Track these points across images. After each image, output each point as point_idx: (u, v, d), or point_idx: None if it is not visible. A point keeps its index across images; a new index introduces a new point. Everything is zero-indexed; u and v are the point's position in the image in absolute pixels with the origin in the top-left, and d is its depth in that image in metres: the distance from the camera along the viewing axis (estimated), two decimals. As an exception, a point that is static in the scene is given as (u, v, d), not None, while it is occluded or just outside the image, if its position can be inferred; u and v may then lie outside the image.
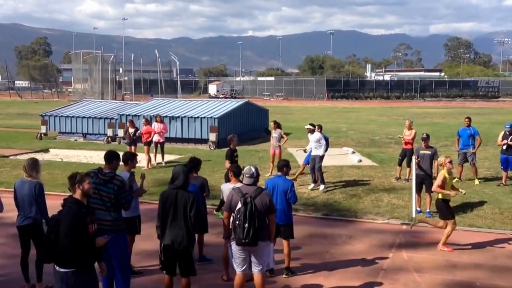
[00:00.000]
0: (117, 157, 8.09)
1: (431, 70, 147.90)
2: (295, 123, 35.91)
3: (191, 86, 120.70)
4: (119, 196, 7.68)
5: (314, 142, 15.94)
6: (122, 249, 7.79)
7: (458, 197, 14.78)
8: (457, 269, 9.78)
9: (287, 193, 8.90)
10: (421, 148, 14.03)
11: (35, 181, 8.16)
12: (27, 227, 8.17)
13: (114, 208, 7.70)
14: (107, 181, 7.70)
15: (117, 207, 7.74)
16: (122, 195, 7.71)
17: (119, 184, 7.70)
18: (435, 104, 79.40)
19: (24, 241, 8.34)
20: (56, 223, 6.12)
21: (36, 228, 8.19)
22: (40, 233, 8.27)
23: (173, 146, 25.00)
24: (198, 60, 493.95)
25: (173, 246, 7.42)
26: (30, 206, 8.11)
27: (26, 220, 8.14)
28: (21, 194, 8.17)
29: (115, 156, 8.07)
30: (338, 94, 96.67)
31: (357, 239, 11.53)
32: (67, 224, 6.03)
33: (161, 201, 7.61)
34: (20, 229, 8.25)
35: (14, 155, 23.06)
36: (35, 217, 8.14)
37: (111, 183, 7.69)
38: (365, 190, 15.91)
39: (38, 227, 8.22)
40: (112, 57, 69.29)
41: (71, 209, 6.16)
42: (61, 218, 6.09)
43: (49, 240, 6.13)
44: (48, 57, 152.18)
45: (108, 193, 7.67)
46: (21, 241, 8.36)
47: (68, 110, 31.55)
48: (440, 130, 32.47)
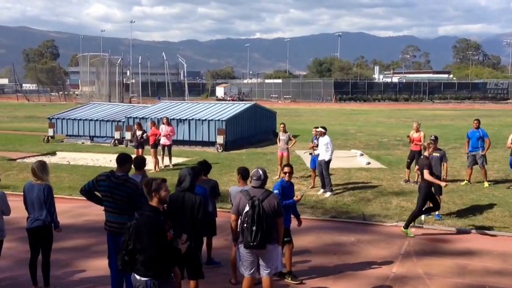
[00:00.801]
0: (129, 160, 8.06)
1: (439, 72, 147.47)
2: (303, 125, 35.83)
3: (198, 88, 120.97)
4: (133, 199, 7.64)
5: (323, 145, 15.85)
6: None
7: (468, 200, 14.75)
8: (467, 272, 9.66)
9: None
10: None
11: (44, 184, 8.14)
12: (37, 229, 8.14)
13: (127, 211, 7.63)
14: (120, 184, 7.66)
15: (130, 210, 7.67)
16: (135, 198, 7.67)
17: (133, 187, 7.67)
18: (444, 106, 79.12)
19: (34, 244, 8.31)
20: (136, 232, 5.99)
21: (45, 231, 8.20)
22: (49, 236, 8.30)
23: (180, 148, 24.95)
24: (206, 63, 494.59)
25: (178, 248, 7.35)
26: (40, 209, 8.09)
27: (35, 222, 8.12)
28: (30, 197, 8.15)
29: (128, 159, 8.03)
30: (346, 96, 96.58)
31: (366, 242, 11.43)
32: (150, 233, 5.93)
33: (168, 204, 7.56)
34: (30, 232, 8.22)
35: (21, 158, 23.06)
36: (45, 220, 8.12)
37: (125, 186, 7.66)
38: (373, 193, 15.80)
39: (48, 229, 8.23)
40: (119, 60, 69.42)
41: (150, 217, 6.04)
42: (142, 227, 5.97)
43: (127, 249, 6.02)
44: (56, 60, 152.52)
45: (122, 196, 7.63)
46: (31, 244, 8.33)
47: (76, 113, 31.60)
48: (449, 133, 32.30)
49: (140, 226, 6.00)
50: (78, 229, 12.12)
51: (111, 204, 7.67)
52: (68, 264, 9.84)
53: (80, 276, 9.33)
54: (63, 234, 8.91)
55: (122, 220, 7.58)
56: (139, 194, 7.69)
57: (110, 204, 7.67)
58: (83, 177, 18.13)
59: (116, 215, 7.66)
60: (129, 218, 7.56)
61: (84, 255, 10.39)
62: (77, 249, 10.75)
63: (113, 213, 7.66)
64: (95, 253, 10.52)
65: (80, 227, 12.37)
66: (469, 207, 13.94)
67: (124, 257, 6.01)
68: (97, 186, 7.82)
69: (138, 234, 5.97)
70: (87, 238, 11.55)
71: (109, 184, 7.65)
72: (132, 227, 6.03)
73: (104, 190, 7.75)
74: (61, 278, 9.09)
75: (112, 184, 7.66)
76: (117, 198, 7.65)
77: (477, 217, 13.11)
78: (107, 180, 7.67)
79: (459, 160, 20.93)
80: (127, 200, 7.61)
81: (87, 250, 10.79)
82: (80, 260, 10.11)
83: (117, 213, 7.66)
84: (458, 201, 14.61)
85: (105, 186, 7.72)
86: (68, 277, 9.23)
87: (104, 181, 7.73)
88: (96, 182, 7.84)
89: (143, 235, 5.94)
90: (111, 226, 7.77)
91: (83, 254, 10.49)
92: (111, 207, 7.67)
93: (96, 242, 11.23)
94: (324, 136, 15.96)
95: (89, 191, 7.95)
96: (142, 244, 5.93)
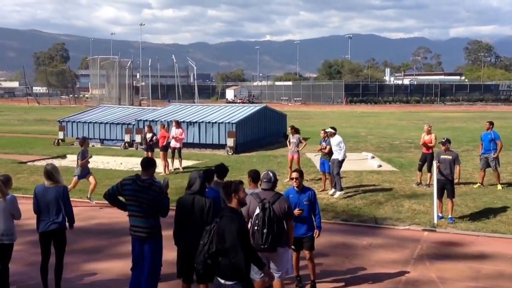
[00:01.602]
0: (154, 164, 8.06)
1: (451, 74, 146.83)
2: (313, 128, 35.70)
3: (208, 91, 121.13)
4: (158, 202, 7.60)
5: (335, 145, 15.77)
6: (157, 255, 7.77)
7: (481, 203, 14.60)
8: (480, 276, 9.54)
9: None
10: (442, 152, 13.76)
11: (61, 185, 8.23)
12: (52, 232, 8.15)
13: (152, 215, 7.62)
14: (146, 188, 7.60)
15: (155, 214, 7.66)
16: (161, 202, 7.64)
17: (158, 190, 7.63)
18: (456, 108, 78.72)
19: (47, 247, 8.30)
20: (218, 235, 5.97)
21: (60, 233, 8.23)
22: (64, 239, 8.33)
23: (190, 151, 24.95)
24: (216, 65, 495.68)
25: (189, 251, 7.37)
26: (57, 211, 8.12)
27: (52, 225, 8.12)
28: (44, 200, 8.12)
29: (152, 163, 8.02)
30: (356, 99, 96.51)
31: (378, 245, 11.33)
32: (234, 234, 5.89)
33: (178, 206, 7.58)
34: (45, 235, 8.20)
35: (32, 161, 23.15)
36: (61, 222, 8.17)
37: (150, 189, 7.60)
38: (385, 196, 15.69)
39: (63, 232, 8.26)
40: (129, 63, 69.76)
41: (234, 220, 6.03)
42: (225, 229, 5.93)
43: (209, 252, 6.00)
44: (66, 63, 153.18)
45: (147, 199, 7.58)
46: (43, 247, 8.31)
47: (86, 116, 31.68)
48: (461, 135, 32.09)
49: (223, 228, 5.96)
50: (89, 232, 12.11)
51: (137, 208, 7.62)
52: (79, 267, 9.82)
53: (91, 279, 9.30)
54: (75, 237, 8.89)
55: (148, 224, 7.61)
56: (164, 197, 7.71)
57: (135, 208, 7.63)
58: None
59: (142, 219, 7.61)
60: (154, 222, 7.58)
61: (96, 258, 10.37)
62: (88, 252, 10.72)
63: (139, 217, 7.61)
64: (107, 256, 10.52)
65: (91, 230, 12.35)
66: (482, 210, 13.80)
67: (206, 260, 5.99)
68: (122, 190, 7.75)
69: (221, 237, 5.94)
70: (98, 241, 11.55)
71: (135, 187, 7.61)
72: (213, 229, 6.03)
73: (129, 194, 7.68)
74: (72, 281, 9.07)
75: (137, 187, 7.61)
76: (142, 202, 7.58)
77: (491, 220, 12.97)
78: (133, 184, 7.63)
79: (471, 162, 20.76)
80: (152, 203, 7.57)
81: (98, 253, 10.77)
82: (91, 263, 10.09)
83: (143, 217, 7.60)
84: (471, 204, 14.47)
85: (131, 190, 7.66)
86: (78, 281, 9.19)
87: (129, 185, 7.68)
88: (120, 186, 7.77)
89: (228, 237, 5.90)
90: (136, 231, 7.69)
91: (94, 257, 10.46)
92: (137, 211, 7.62)
93: (108, 245, 11.23)
94: (334, 136, 15.89)
95: (113, 196, 7.90)
96: (226, 246, 5.90)
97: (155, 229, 7.69)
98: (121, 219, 9.91)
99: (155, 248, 7.67)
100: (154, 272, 7.75)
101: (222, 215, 6.11)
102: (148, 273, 7.65)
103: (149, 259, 7.60)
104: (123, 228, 11.52)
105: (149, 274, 7.66)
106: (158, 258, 7.81)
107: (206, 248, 6.02)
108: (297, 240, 8.35)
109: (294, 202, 8.35)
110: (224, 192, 6.31)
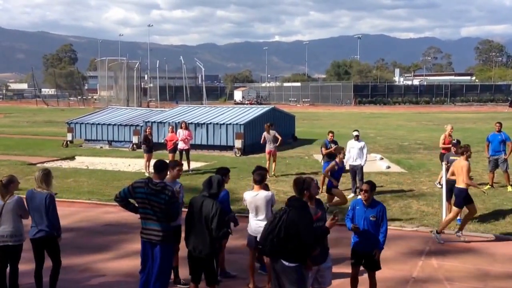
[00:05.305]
0: (167, 167, 8.02)
1: (461, 74, 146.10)
2: (322, 129, 35.61)
3: (216, 92, 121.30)
4: (170, 206, 7.57)
5: (358, 149, 15.77)
6: (168, 259, 7.73)
7: (490, 204, 14.51)
8: (488, 277, 9.49)
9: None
10: (451, 153, 13.69)
11: (45, 192, 7.96)
12: (40, 240, 8.01)
13: (164, 218, 7.60)
14: (158, 191, 7.55)
15: (167, 217, 7.64)
16: (173, 205, 7.62)
17: (170, 194, 7.58)
18: (466, 109, 78.27)
19: (38, 254, 8.15)
20: (289, 221, 6.44)
21: (49, 241, 8.05)
22: (55, 246, 8.14)
23: (198, 153, 24.94)
24: (224, 66, 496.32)
25: (194, 252, 7.43)
26: (42, 218, 7.92)
27: (39, 232, 7.95)
28: (31, 206, 7.98)
29: (166, 166, 7.97)
30: (365, 100, 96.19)
31: (386, 246, 11.21)
32: (304, 221, 6.46)
33: (189, 206, 7.62)
34: (34, 242, 8.07)
35: (41, 162, 23.23)
36: (47, 230, 7.95)
37: (163, 193, 7.54)
38: (393, 197, 15.63)
39: (52, 239, 8.06)
40: (137, 64, 69.79)
41: (305, 208, 6.64)
42: (296, 215, 6.46)
43: (278, 236, 6.45)
44: (74, 65, 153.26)
45: (159, 203, 7.53)
46: (35, 253, 8.16)
47: (94, 117, 31.78)
48: (471, 136, 31.84)
49: (294, 215, 6.48)
50: (98, 233, 12.15)
51: (149, 211, 7.58)
52: (87, 268, 9.84)
53: (99, 280, 9.32)
54: (82, 238, 8.84)
55: (159, 227, 7.57)
56: (176, 201, 7.71)
57: (147, 211, 7.58)
58: (102, 181, 18.21)
59: (153, 222, 7.58)
60: (167, 226, 7.57)
61: (103, 260, 10.38)
62: (96, 253, 10.72)
63: (150, 220, 7.57)
64: (114, 257, 10.53)
65: (99, 231, 12.40)
66: (492, 212, 13.72)
67: (272, 242, 6.48)
68: (133, 193, 7.68)
69: (292, 223, 6.43)
70: (106, 243, 11.55)
71: (147, 190, 7.55)
72: (282, 217, 6.51)
73: (141, 196, 7.62)
74: (80, 282, 9.09)
75: (149, 190, 7.56)
76: (154, 205, 7.54)
77: (500, 222, 12.90)
78: (145, 187, 7.57)
79: (481, 164, 20.64)
80: (164, 207, 7.53)
81: (106, 254, 10.76)
82: (99, 264, 10.10)
83: (155, 220, 7.57)
84: (481, 205, 14.34)
85: (142, 193, 7.60)
86: (86, 281, 9.22)
87: (141, 188, 7.62)
88: (132, 189, 7.71)
89: (299, 223, 6.41)
90: (147, 234, 7.65)
91: (102, 258, 10.47)
92: (148, 214, 7.58)
93: (116, 246, 11.24)
94: (359, 140, 16.01)
95: (124, 199, 7.84)
96: (296, 232, 6.38)
97: (167, 233, 7.64)
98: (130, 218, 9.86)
99: (166, 252, 7.63)
100: (163, 276, 7.72)
101: (292, 204, 6.60)
102: (157, 277, 7.61)
103: (160, 262, 7.57)
104: (130, 228, 11.57)
105: (159, 277, 7.63)
106: (169, 261, 7.78)
107: (275, 233, 6.46)
108: (359, 256, 8.38)
109: (359, 215, 8.20)
110: (297, 188, 6.82)
